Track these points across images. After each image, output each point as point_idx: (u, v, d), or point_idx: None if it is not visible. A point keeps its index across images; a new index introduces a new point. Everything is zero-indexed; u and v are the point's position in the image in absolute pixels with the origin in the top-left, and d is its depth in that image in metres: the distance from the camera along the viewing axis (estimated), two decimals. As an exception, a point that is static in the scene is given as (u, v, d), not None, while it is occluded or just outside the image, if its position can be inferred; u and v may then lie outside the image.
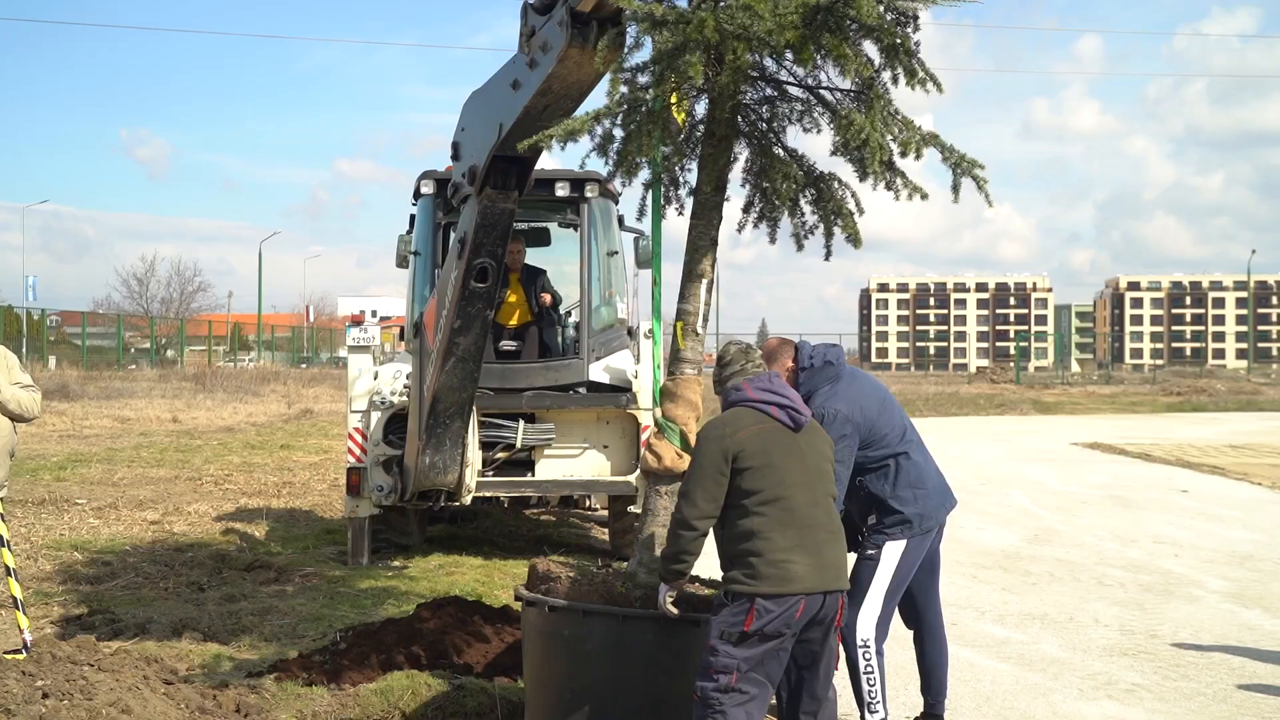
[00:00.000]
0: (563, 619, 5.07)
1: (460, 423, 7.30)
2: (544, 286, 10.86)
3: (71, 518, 12.22)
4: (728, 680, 4.38)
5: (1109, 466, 20.41)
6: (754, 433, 4.61)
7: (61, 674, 5.00)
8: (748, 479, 4.51)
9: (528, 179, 5.85)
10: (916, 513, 5.46)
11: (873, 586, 5.42)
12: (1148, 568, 10.54)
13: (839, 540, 4.65)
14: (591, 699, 5.05)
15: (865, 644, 5.37)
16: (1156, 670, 7.10)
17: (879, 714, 5.35)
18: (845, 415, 5.36)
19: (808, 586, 4.40)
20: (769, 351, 5.61)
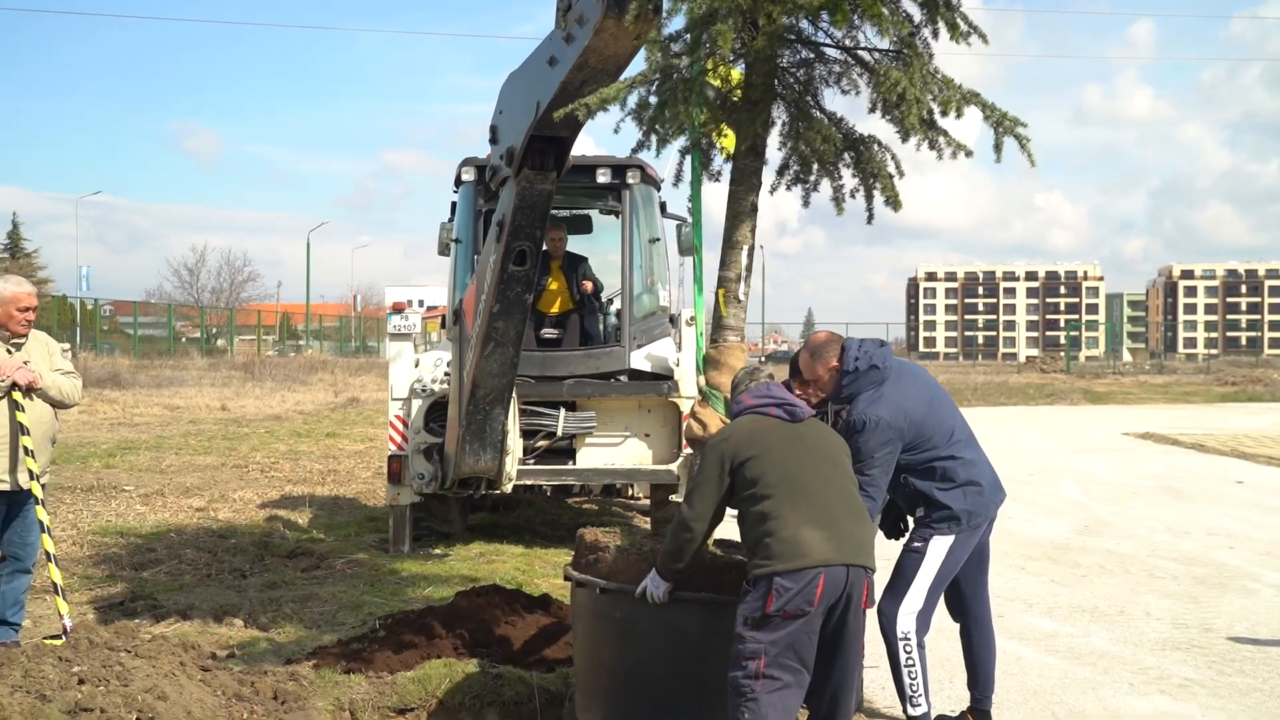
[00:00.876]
0: (614, 601, 4.97)
1: (500, 409, 7.23)
2: (585, 274, 10.79)
3: (118, 504, 12.32)
4: (756, 666, 4.34)
5: (1161, 457, 20.05)
6: (748, 429, 4.71)
7: (98, 660, 4.99)
8: (750, 469, 4.57)
9: (566, 159, 5.76)
10: (965, 509, 5.32)
11: (916, 580, 5.30)
12: (1201, 560, 10.31)
13: (859, 520, 4.61)
14: (642, 681, 4.96)
15: (905, 636, 5.25)
16: (1210, 665, 6.92)
17: (921, 708, 5.23)
18: (888, 422, 5.22)
19: (823, 558, 4.36)
20: (815, 346, 5.48)
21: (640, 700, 5.00)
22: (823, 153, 5.10)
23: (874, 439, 5.18)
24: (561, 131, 5.57)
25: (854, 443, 5.14)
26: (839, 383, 5.37)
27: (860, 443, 5.18)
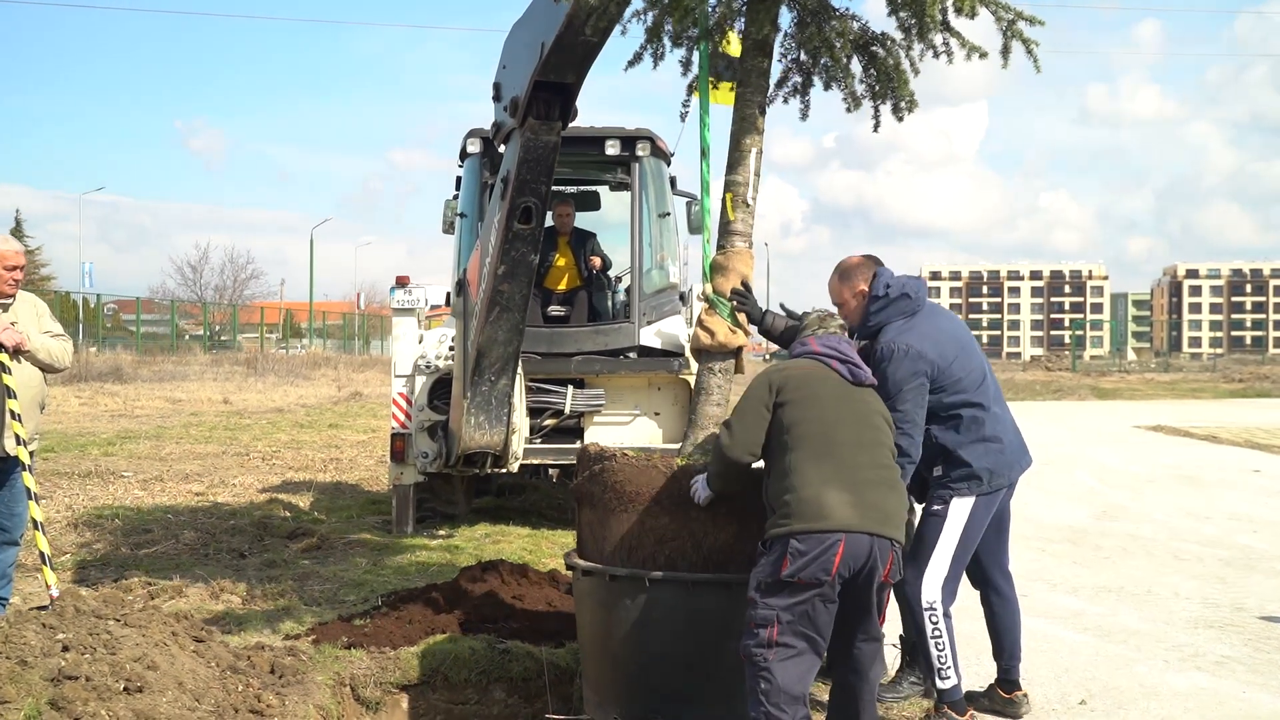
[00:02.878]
0: (625, 588, 4.72)
1: (506, 380, 6.97)
2: (594, 250, 10.54)
3: (116, 489, 12.07)
4: (768, 634, 4.09)
5: (1175, 448, 19.79)
6: (803, 371, 4.50)
7: (84, 628, 4.72)
8: (789, 411, 4.34)
9: (571, 108, 5.49)
10: (987, 468, 4.99)
11: (939, 546, 4.98)
12: (1225, 543, 10.04)
13: (891, 490, 4.33)
14: (659, 671, 4.72)
15: (931, 607, 4.94)
16: (1246, 643, 6.65)
17: (950, 680, 4.93)
18: (918, 351, 4.89)
19: (844, 523, 4.09)
20: (844, 268, 5.19)
21: (660, 693, 4.73)
22: (837, 50, 4.88)
23: (903, 368, 4.84)
24: (567, 77, 5.31)
25: (881, 373, 4.83)
26: (867, 310, 5.05)
27: (888, 372, 4.85)
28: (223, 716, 4.62)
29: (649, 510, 4.67)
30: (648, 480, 4.68)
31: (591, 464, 4.89)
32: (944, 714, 4.93)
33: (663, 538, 4.64)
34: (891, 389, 4.81)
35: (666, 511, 4.65)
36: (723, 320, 5.11)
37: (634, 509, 4.69)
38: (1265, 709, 5.44)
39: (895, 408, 4.77)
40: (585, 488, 4.92)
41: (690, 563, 4.63)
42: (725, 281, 5.13)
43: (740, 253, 5.16)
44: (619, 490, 4.73)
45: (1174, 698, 5.60)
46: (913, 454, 4.82)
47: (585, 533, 4.95)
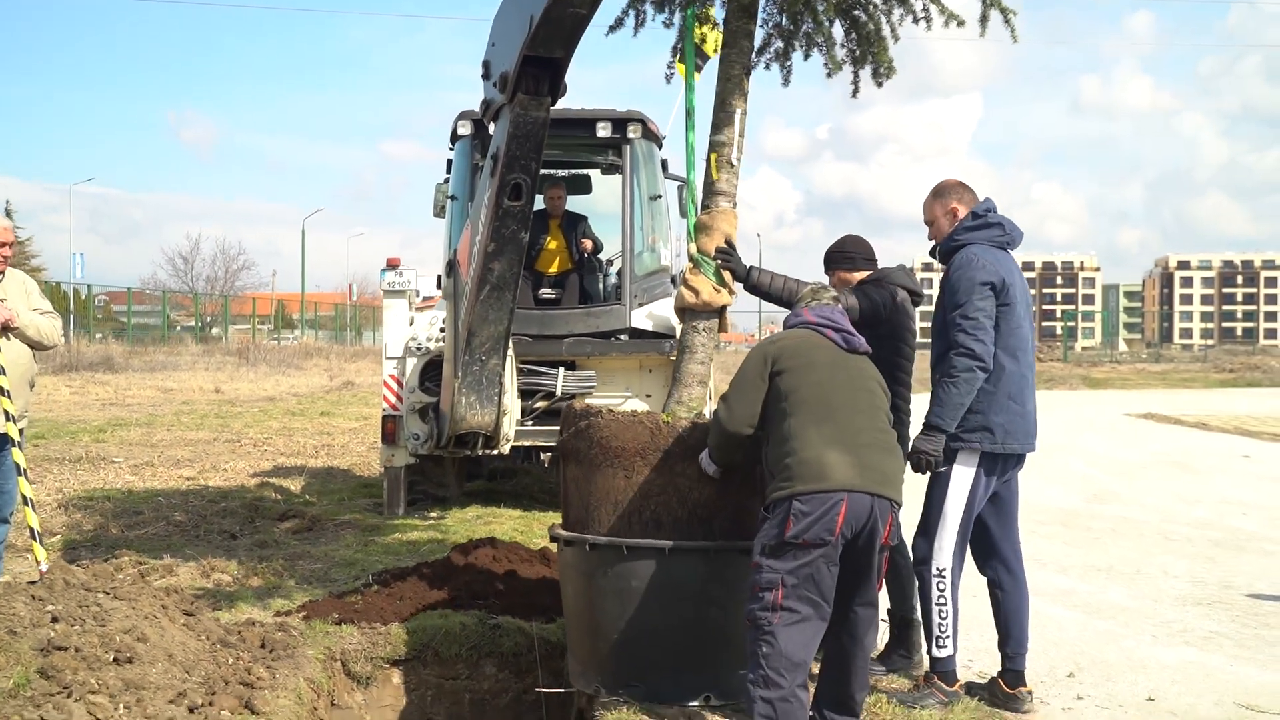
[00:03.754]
0: (605, 557, 4.75)
1: (497, 359, 6.96)
2: (585, 232, 10.53)
3: (107, 474, 12.05)
4: (773, 597, 4.09)
5: (1165, 435, 19.85)
6: (798, 340, 4.55)
7: (74, 600, 4.72)
8: (786, 380, 4.38)
9: (561, 84, 5.48)
10: (1001, 424, 4.88)
11: (947, 512, 4.92)
12: (1216, 525, 10.08)
13: (889, 453, 4.35)
14: (640, 640, 4.74)
15: (941, 573, 4.90)
16: (1234, 619, 6.68)
17: (946, 650, 4.90)
18: (994, 269, 4.85)
19: (846, 482, 4.11)
20: (944, 187, 5.17)
21: (641, 661, 4.76)
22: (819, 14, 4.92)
23: (977, 274, 4.81)
24: (556, 51, 5.30)
25: (951, 280, 4.83)
26: (958, 226, 5.03)
27: (960, 276, 4.84)
28: (213, 688, 4.63)
29: (634, 465, 4.70)
30: (633, 436, 4.70)
31: (577, 420, 4.91)
32: (933, 684, 4.91)
33: (648, 493, 4.66)
34: (961, 294, 4.82)
35: (651, 467, 4.67)
36: (707, 279, 5.15)
37: (619, 464, 4.70)
38: (1252, 681, 5.47)
39: (965, 313, 4.78)
40: (570, 444, 4.93)
41: (675, 517, 4.64)
42: (710, 241, 5.17)
43: (725, 212, 5.20)
44: (604, 446, 4.74)
45: (1161, 670, 5.62)
46: (985, 358, 4.78)
47: (570, 489, 4.97)
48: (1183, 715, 4.98)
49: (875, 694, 4.84)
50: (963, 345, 4.79)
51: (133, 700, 4.16)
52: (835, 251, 5.63)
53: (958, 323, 4.83)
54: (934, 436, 4.86)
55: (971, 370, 4.78)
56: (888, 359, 5.13)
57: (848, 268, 5.57)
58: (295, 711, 4.71)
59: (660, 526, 4.66)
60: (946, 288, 4.96)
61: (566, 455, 4.98)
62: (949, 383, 4.83)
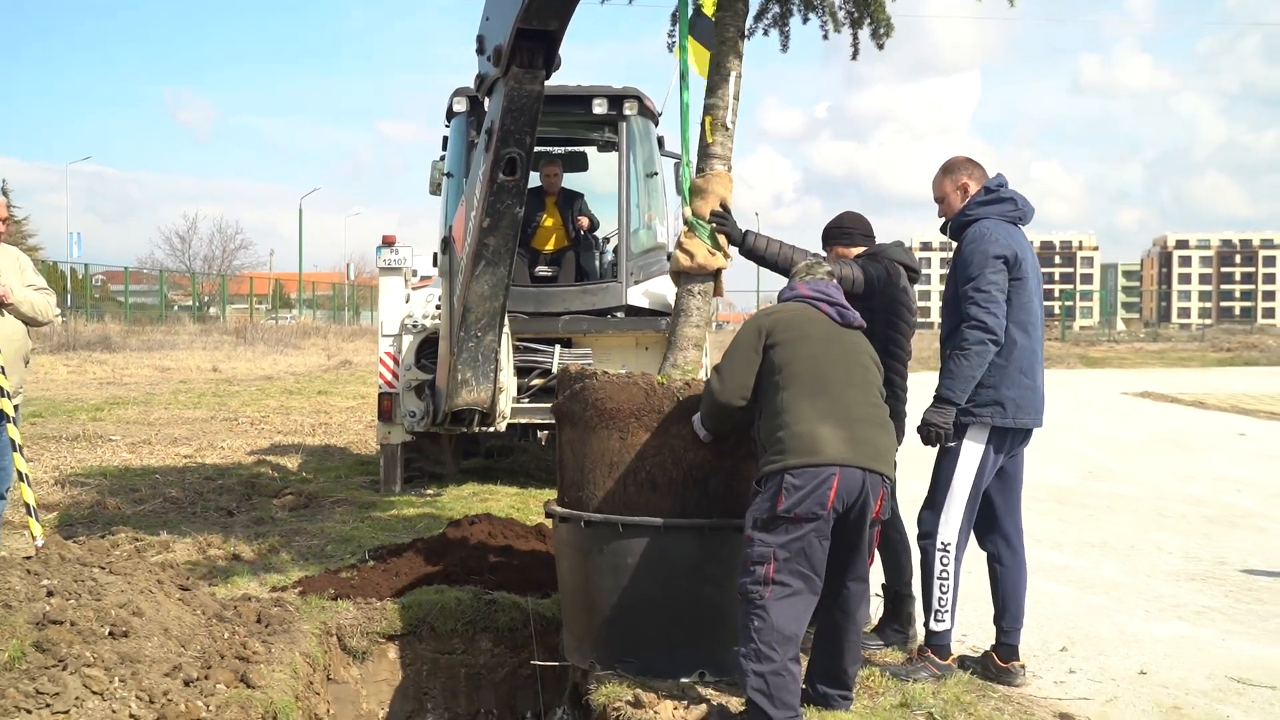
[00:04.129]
0: (600, 534, 4.76)
1: (493, 335, 6.97)
2: (581, 210, 10.51)
3: (104, 452, 12.06)
4: (764, 571, 4.10)
5: (1162, 413, 19.87)
6: (792, 313, 4.55)
7: (70, 574, 4.74)
8: (779, 352, 4.39)
9: (555, 57, 5.47)
10: (1013, 398, 4.87)
11: (954, 486, 4.90)
12: (1210, 502, 10.11)
13: (882, 428, 4.37)
14: (635, 617, 4.75)
15: (946, 548, 4.89)
16: (1227, 594, 6.70)
17: (945, 624, 4.91)
18: (1007, 243, 4.85)
19: (838, 457, 4.13)
20: (953, 163, 5.15)
21: (635, 637, 4.77)
22: None
23: (990, 248, 4.81)
24: (550, 23, 5.28)
25: (964, 254, 4.84)
26: (970, 201, 5.01)
27: (973, 249, 4.84)
28: (208, 662, 4.65)
29: (629, 427, 4.71)
30: (628, 397, 4.72)
31: (572, 383, 4.93)
32: (927, 657, 4.93)
33: (643, 454, 4.68)
34: (974, 267, 4.81)
35: (647, 428, 4.69)
36: (702, 242, 5.17)
37: (614, 426, 4.73)
38: (1244, 655, 5.49)
39: (978, 285, 4.78)
40: (566, 406, 4.95)
41: (670, 478, 4.66)
42: (704, 204, 5.19)
43: (719, 175, 5.22)
44: (600, 408, 4.76)
45: (1154, 644, 5.65)
46: (997, 331, 4.77)
47: (565, 452, 4.98)
48: (1174, 688, 5.00)
49: (868, 667, 4.86)
50: (975, 318, 4.79)
51: (128, 673, 4.18)
52: (833, 227, 5.63)
53: (970, 295, 4.81)
54: (944, 409, 4.86)
55: (983, 343, 4.78)
56: (882, 333, 5.14)
57: (845, 243, 5.57)
58: (290, 685, 4.73)
59: (655, 487, 4.68)
60: (959, 261, 4.94)
61: (562, 418, 5.00)
62: (960, 355, 4.81)
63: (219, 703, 4.25)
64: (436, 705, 5.82)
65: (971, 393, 4.85)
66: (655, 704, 4.32)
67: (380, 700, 5.75)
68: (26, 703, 3.81)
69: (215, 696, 4.31)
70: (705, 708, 4.31)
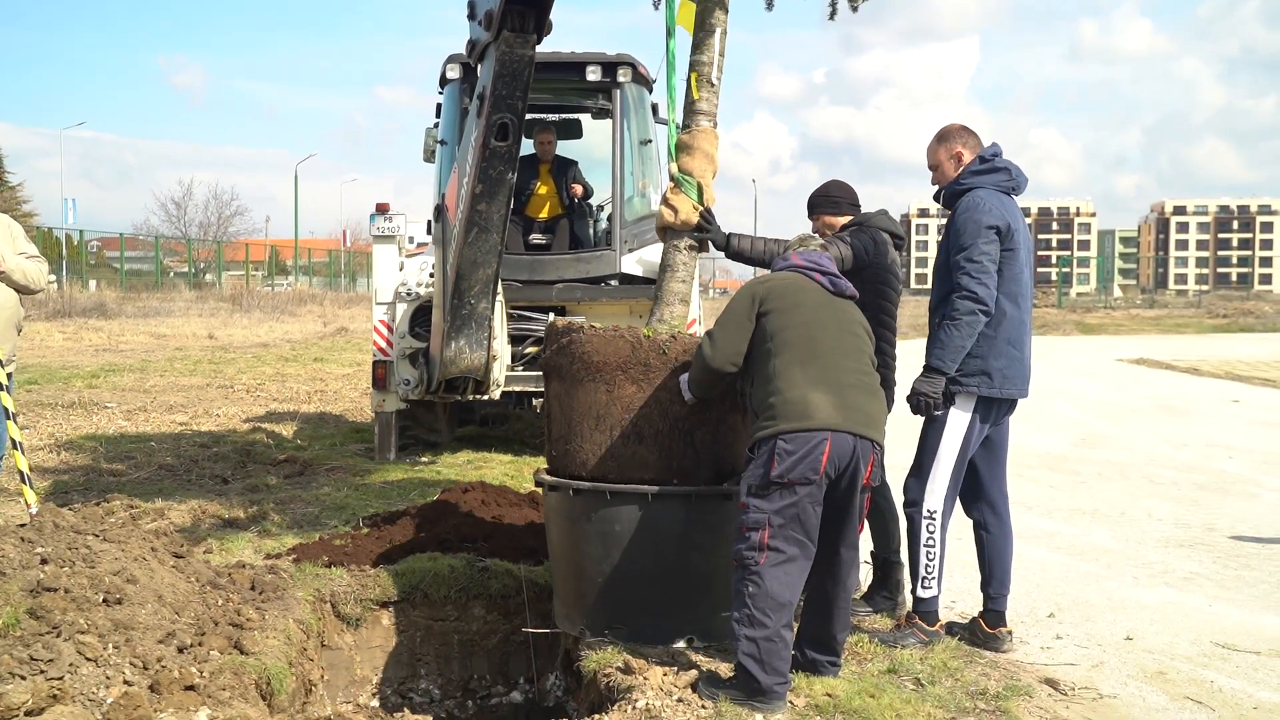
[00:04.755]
0: (589, 501, 4.79)
1: (486, 302, 6.97)
2: (575, 178, 10.49)
3: (100, 419, 12.08)
4: (759, 537, 4.14)
5: (1156, 380, 19.92)
6: (785, 281, 4.58)
7: (64, 542, 4.76)
8: (772, 320, 4.42)
9: (545, 20, 5.45)
10: (1000, 369, 4.89)
11: (940, 454, 4.94)
12: (1201, 468, 10.16)
13: (873, 395, 4.40)
14: (624, 583, 4.79)
15: (931, 515, 4.93)
16: (1215, 561, 6.76)
17: (931, 591, 4.96)
18: (1000, 214, 4.86)
19: (829, 422, 4.17)
20: (947, 131, 5.15)
21: (624, 604, 4.80)
22: None
23: (983, 218, 4.82)
24: None
25: (956, 223, 4.86)
26: (964, 170, 5.02)
27: (965, 219, 4.86)
28: (203, 629, 4.69)
29: (616, 380, 4.76)
30: (615, 350, 4.76)
31: (559, 337, 4.96)
32: (914, 624, 4.97)
33: (630, 406, 4.73)
34: (966, 236, 4.83)
35: (633, 381, 4.73)
36: (688, 198, 5.20)
37: (601, 379, 4.77)
38: (1230, 620, 5.55)
39: (969, 256, 4.79)
40: (554, 360, 4.98)
41: (656, 430, 4.71)
42: (690, 160, 5.23)
43: (705, 131, 5.25)
44: (587, 361, 4.79)
45: (1141, 611, 5.70)
46: (987, 301, 4.79)
47: (553, 406, 5.01)
48: (1159, 654, 5.06)
49: (857, 634, 4.92)
50: (966, 288, 4.80)
51: (122, 640, 4.21)
52: (820, 196, 5.65)
53: (962, 265, 4.82)
54: (934, 378, 4.88)
55: (974, 313, 4.79)
56: (872, 303, 5.15)
57: (832, 211, 5.58)
58: (284, 652, 4.77)
59: (642, 439, 4.73)
60: (951, 230, 4.95)
61: (549, 372, 5.04)
62: (951, 325, 4.83)
63: (212, 669, 4.29)
64: (430, 671, 5.88)
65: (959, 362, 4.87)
66: (645, 670, 4.36)
67: (374, 666, 5.80)
68: (21, 669, 3.84)
69: (209, 663, 4.35)
70: (694, 673, 4.35)
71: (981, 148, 5.10)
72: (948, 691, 4.39)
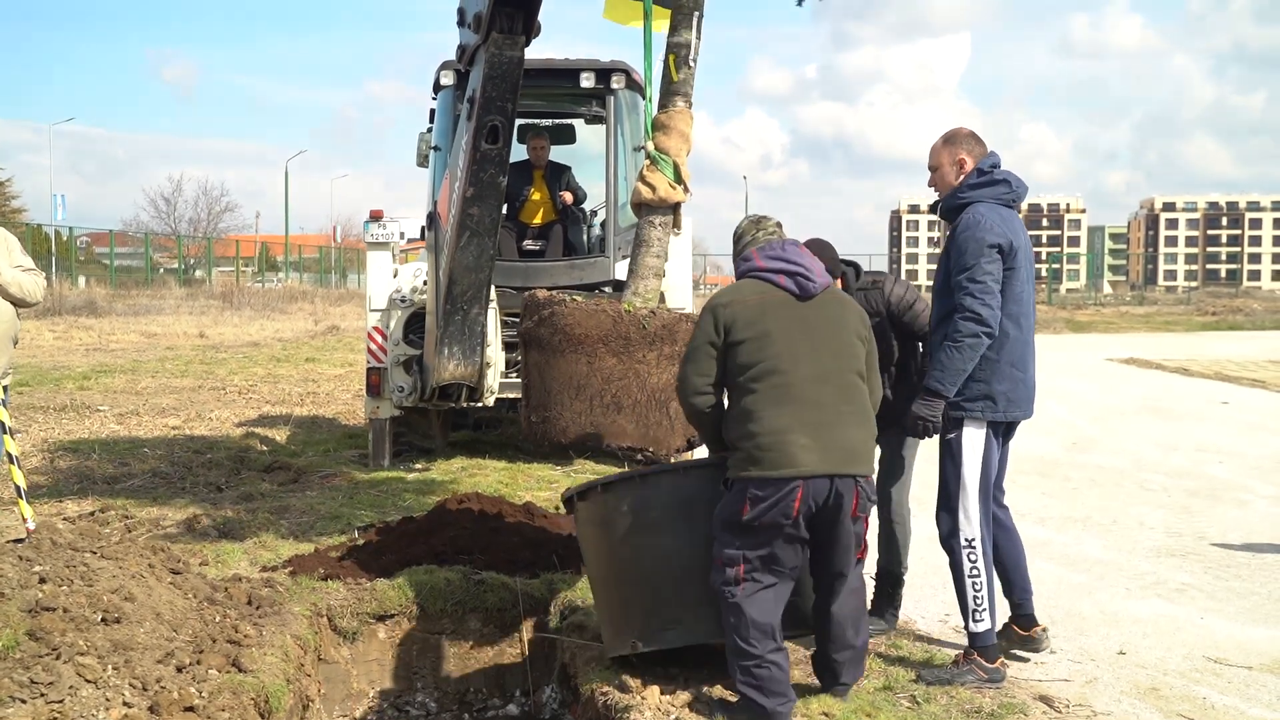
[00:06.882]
0: (621, 493, 4.52)
1: (479, 309, 6.98)
2: (568, 183, 10.51)
3: (92, 423, 12.08)
4: (735, 573, 4.12)
5: (1146, 380, 19.98)
6: (752, 303, 4.32)
7: (61, 560, 4.77)
8: (742, 353, 4.24)
9: (534, 23, 5.47)
10: (1004, 392, 4.80)
11: (965, 481, 4.81)
12: (1192, 474, 10.20)
13: (857, 421, 4.25)
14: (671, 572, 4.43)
15: (971, 544, 4.81)
16: (1207, 571, 6.80)
17: (985, 624, 4.80)
18: (1001, 231, 4.73)
19: (804, 469, 4.07)
20: (956, 135, 4.99)
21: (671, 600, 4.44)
22: None
23: (985, 236, 4.69)
24: None
25: (958, 241, 4.73)
26: (964, 181, 4.90)
27: (967, 237, 4.71)
28: (200, 647, 4.70)
29: (596, 352, 4.85)
30: (597, 324, 4.84)
31: (540, 309, 5.01)
32: (973, 660, 4.78)
33: (609, 377, 4.80)
34: (969, 256, 4.69)
35: (613, 353, 4.81)
36: (664, 176, 5.35)
37: (582, 350, 4.86)
38: (1221, 634, 5.58)
39: (973, 276, 4.65)
40: (535, 331, 5.06)
41: (634, 399, 4.81)
42: (667, 139, 5.37)
43: (681, 111, 5.41)
44: (567, 333, 4.86)
45: (1133, 624, 5.74)
46: (991, 323, 4.66)
47: (532, 375, 5.08)
48: (1151, 669, 5.09)
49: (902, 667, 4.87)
50: (969, 309, 4.66)
51: (121, 661, 4.22)
52: None
53: (965, 286, 4.69)
54: (933, 402, 4.78)
55: (977, 336, 4.67)
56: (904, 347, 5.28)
57: None
58: (282, 669, 4.78)
59: (620, 409, 4.82)
60: (953, 249, 4.80)
61: (528, 342, 5.09)
62: (953, 347, 4.70)
63: (211, 689, 4.30)
64: (426, 684, 5.89)
65: (962, 386, 4.77)
66: (642, 690, 4.38)
67: (370, 680, 5.82)
68: (21, 693, 3.85)
69: (207, 683, 4.36)
70: (691, 693, 4.36)
71: (984, 156, 4.97)
72: (943, 709, 4.43)
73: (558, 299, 5.01)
